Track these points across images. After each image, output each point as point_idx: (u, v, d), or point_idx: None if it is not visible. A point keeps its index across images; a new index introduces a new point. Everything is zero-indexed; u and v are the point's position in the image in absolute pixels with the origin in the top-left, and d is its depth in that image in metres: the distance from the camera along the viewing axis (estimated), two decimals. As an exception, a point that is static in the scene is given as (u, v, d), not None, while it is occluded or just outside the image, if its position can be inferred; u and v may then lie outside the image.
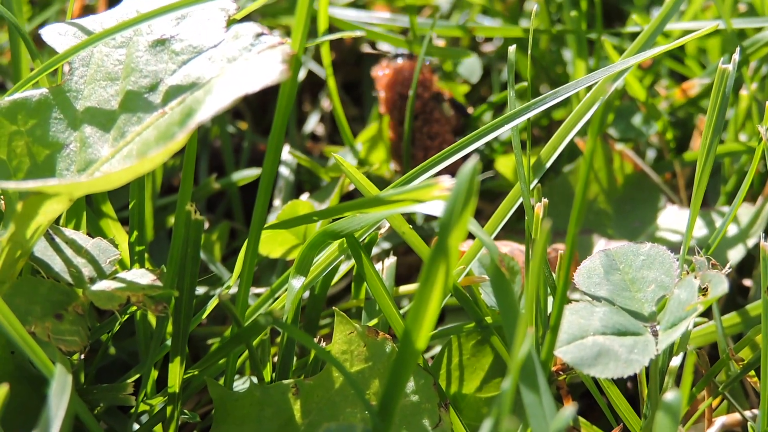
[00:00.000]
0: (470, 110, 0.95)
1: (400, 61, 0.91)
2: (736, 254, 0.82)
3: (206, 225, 0.94)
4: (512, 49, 0.73)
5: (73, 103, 0.65)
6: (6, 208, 0.62)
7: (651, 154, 0.98)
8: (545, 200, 0.67)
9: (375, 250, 0.87)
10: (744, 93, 0.85)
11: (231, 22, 0.65)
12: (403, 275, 0.94)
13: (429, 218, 0.92)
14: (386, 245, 0.89)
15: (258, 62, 0.58)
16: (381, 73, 0.91)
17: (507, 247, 0.83)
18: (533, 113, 0.68)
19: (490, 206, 0.98)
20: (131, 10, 0.68)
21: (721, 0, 0.84)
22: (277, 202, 0.89)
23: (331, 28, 1.05)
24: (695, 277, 0.64)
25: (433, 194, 0.58)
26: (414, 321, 0.53)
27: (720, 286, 0.61)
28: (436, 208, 0.59)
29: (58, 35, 0.67)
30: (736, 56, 0.69)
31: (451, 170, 0.78)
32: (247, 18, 0.66)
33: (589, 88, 0.79)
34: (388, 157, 0.91)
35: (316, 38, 0.86)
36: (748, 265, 0.87)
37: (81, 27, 0.67)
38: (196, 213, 0.63)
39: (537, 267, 0.53)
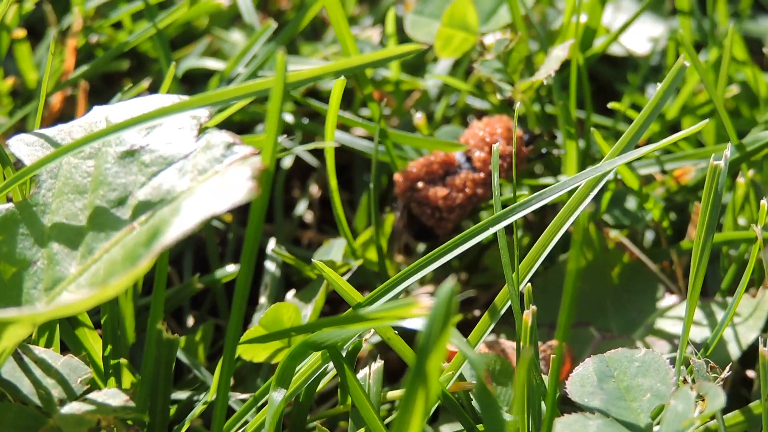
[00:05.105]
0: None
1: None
2: (735, 349, 0.79)
3: (191, 322, 0.92)
4: (496, 147, 0.70)
5: (40, 218, 0.63)
6: (-31, 333, 0.59)
7: (649, 235, 0.95)
8: (534, 307, 0.64)
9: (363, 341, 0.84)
10: (741, 180, 0.83)
11: (203, 129, 0.63)
12: (396, 364, 0.91)
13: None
14: (374, 339, 0.86)
15: (226, 180, 0.55)
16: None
17: (499, 345, 0.80)
18: (519, 215, 0.65)
19: (483, 293, 0.95)
20: (101, 117, 0.66)
21: (713, 86, 0.82)
22: (262, 300, 0.86)
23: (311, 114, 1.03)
24: (692, 388, 0.61)
25: (412, 312, 0.55)
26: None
27: (717, 399, 0.58)
28: (417, 323, 0.57)
29: (25, 146, 0.65)
30: (727, 152, 0.67)
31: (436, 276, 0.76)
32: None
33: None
34: (385, 251, 0.87)
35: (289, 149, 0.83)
36: (751, 356, 0.84)
37: (48, 138, 0.65)
38: (168, 332, 0.60)
39: (520, 397, 0.50)
